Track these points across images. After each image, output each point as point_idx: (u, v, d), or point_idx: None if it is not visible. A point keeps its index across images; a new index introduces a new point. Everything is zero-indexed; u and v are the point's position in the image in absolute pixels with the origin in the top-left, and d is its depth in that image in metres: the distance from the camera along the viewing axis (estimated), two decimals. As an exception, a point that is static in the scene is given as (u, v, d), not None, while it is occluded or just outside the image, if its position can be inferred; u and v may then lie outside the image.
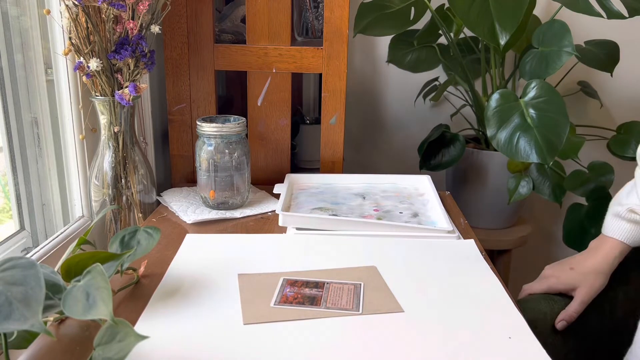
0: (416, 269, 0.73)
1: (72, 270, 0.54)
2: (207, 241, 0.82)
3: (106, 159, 0.88)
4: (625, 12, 1.12)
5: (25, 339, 0.53)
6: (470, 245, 0.80)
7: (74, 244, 0.63)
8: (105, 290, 0.48)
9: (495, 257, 1.39)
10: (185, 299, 0.64)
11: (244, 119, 0.94)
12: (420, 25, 1.34)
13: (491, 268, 0.75)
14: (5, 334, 0.48)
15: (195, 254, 0.77)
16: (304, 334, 0.58)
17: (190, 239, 0.82)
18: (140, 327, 0.58)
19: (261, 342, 0.56)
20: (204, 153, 0.91)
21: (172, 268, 0.72)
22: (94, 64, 0.80)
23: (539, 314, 0.81)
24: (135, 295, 0.64)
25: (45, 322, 0.57)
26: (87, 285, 0.49)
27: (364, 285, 0.68)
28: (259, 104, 1.07)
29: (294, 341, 0.56)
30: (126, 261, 0.63)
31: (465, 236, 0.84)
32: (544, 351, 0.55)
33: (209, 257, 0.76)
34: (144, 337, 0.44)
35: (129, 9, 0.81)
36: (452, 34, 1.36)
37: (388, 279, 0.69)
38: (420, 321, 0.60)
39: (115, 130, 0.87)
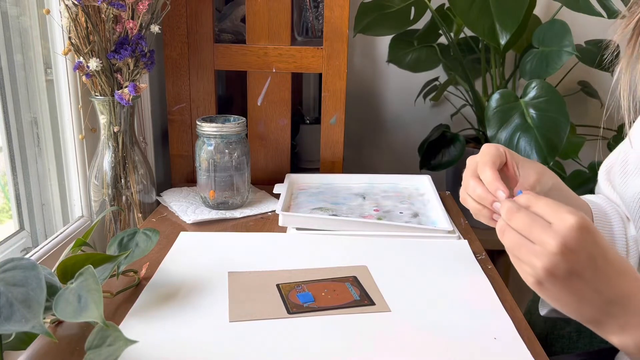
0: (409, 269, 0.73)
1: (69, 271, 0.54)
2: (201, 239, 0.82)
3: (106, 159, 0.88)
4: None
5: (22, 340, 0.53)
6: (463, 246, 0.80)
7: (72, 245, 0.63)
8: (96, 293, 0.47)
9: (495, 257, 1.39)
10: (173, 296, 0.64)
11: (244, 118, 0.94)
12: (420, 25, 1.34)
13: (490, 268, 0.75)
14: (0, 336, 0.48)
15: (188, 252, 0.77)
16: (288, 332, 0.58)
17: (183, 237, 0.82)
18: (125, 325, 0.58)
19: (246, 340, 0.56)
20: (204, 153, 0.91)
21: (163, 266, 0.72)
22: (93, 64, 0.80)
23: None
24: (136, 297, 0.64)
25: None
26: (79, 288, 0.49)
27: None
28: (259, 104, 1.07)
29: (278, 339, 0.56)
30: (123, 263, 0.63)
31: (466, 236, 0.84)
32: (528, 352, 0.55)
33: (202, 255, 0.76)
34: (133, 342, 0.44)
35: (129, 8, 0.81)
36: (452, 34, 1.36)
37: (380, 278, 0.69)
38: (406, 321, 0.60)
39: (115, 130, 0.87)
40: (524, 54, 1.21)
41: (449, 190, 1.13)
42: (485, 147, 0.62)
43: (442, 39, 1.38)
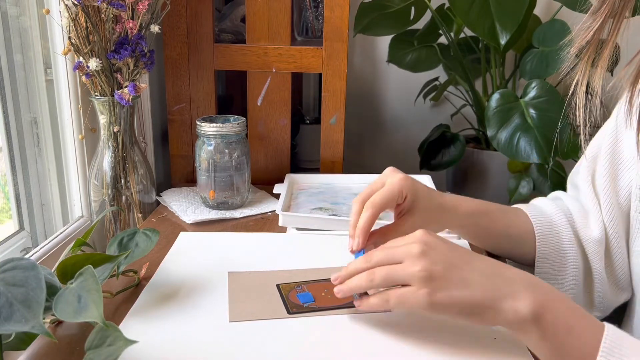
0: None
1: (69, 271, 0.54)
2: (201, 239, 0.82)
3: (106, 159, 0.88)
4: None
5: (22, 340, 0.53)
6: (463, 246, 0.80)
7: (71, 245, 0.63)
8: (96, 293, 0.47)
9: (494, 257, 1.39)
10: (173, 296, 0.64)
11: (243, 118, 0.94)
12: (420, 25, 1.34)
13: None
14: (0, 336, 0.48)
15: (188, 252, 0.77)
16: (288, 332, 0.58)
17: (183, 237, 0.82)
18: (125, 325, 0.58)
19: (246, 340, 0.56)
20: (204, 153, 0.91)
21: (163, 266, 0.72)
22: (93, 64, 0.80)
23: None
24: (136, 297, 0.64)
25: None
26: (79, 288, 0.49)
27: None
28: (258, 104, 1.07)
29: (278, 339, 0.56)
30: (123, 263, 0.63)
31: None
32: (528, 352, 0.55)
33: (202, 255, 0.76)
34: (133, 342, 0.44)
35: (129, 8, 0.81)
36: (452, 34, 1.36)
37: None
38: (406, 321, 0.60)
39: (115, 130, 0.87)
40: (524, 54, 1.21)
41: (449, 190, 1.13)
42: (390, 186, 0.64)
43: (442, 39, 1.38)
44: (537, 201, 0.79)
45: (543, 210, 0.75)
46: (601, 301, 0.73)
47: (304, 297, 0.64)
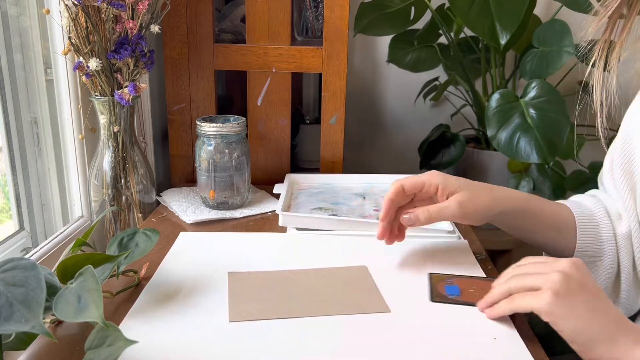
0: (409, 269, 0.73)
1: (69, 271, 0.54)
2: (201, 239, 0.82)
3: (106, 159, 0.88)
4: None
5: (22, 340, 0.53)
6: (463, 246, 0.80)
7: (71, 245, 0.63)
8: (96, 293, 0.47)
9: (495, 257, 1.39)
10: (173, 296, 0.64)
11: (243, 118, 0.94)
12: (420, 25, 1.34)
13: (490, 268, 0.75)
14: (0, 336, 0.48)
15: (188, 252, 0.77)
16: (288, 332, 0.58)
17: (183, 237, 0.82)
18: (125, 325, 0.58)
19: (246, 340, 0.56)
20: (204, 153, 0.91)
21: (163, 266, 0.72)
22: (93, 64, 0.80)
23: None
24: (136, 297, 0.64)
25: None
26: (79, 288, 0.49)
27: (353, 284, 0.68)
28: (258, 104, 1.07)
29: (278, 339, 0.56)
30: (123, 263, 0.63)
31: (466, 236, 0.84)
32: (527, 352, 0.55)
33: (202, 255, 0.76)
34: (132, 342, 0.44)
35: (129, 8, 0.81)
36: (452, 34, 1.36)
37: (380, 279, 0.69)
38: (406, 322, 0.60)
39: (115, 130, 0.87)
40: (524, 54, 1.21)
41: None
42: (417, 176, 0.70)
43: (442, 39, 1.38)
44: (576, 197, 0.80)
45: (583, 204, 0.76)
46: (627, 298, 0.74)
47: (451, 289, 0.66)
